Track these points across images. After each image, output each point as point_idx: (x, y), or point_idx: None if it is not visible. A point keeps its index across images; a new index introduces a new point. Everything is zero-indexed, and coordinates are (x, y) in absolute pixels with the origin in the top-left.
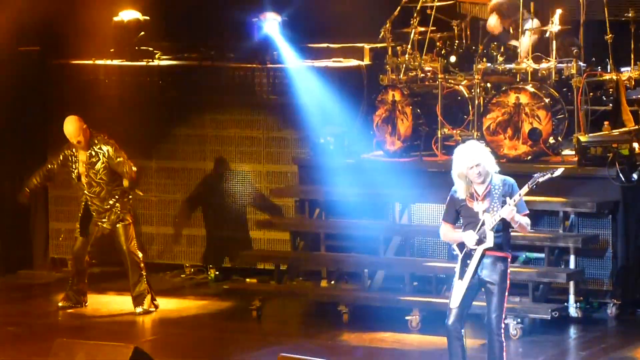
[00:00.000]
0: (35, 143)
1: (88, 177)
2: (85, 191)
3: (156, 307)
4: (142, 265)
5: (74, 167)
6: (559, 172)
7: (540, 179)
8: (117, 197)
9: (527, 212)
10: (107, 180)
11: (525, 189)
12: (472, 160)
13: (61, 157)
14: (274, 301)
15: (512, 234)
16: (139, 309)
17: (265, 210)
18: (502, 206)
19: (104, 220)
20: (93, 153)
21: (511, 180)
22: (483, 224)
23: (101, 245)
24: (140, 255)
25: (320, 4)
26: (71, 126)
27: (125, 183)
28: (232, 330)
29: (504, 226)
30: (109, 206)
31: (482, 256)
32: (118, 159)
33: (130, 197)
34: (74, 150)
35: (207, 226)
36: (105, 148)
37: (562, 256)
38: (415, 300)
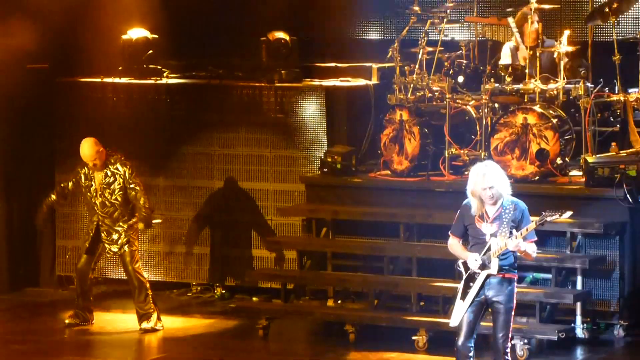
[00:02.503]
0: (44, 161)
1: (102, 197)
2: (98, 211)
3: (162, 326)
4: (147, 285)
5: (89, 184)
6: (567, 215)
7: (548, 219)
8: (128, 220)
9: (535, 239)
10: (122, 202)
11: (533, 225)
12: (487, 182)
13: (77, 176)
14: (281, 320)
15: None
16: (144, 325)
17: (272, 229)
18: (511, 231)
19: (112, 242)
20: (109, 173)
21: (523, 205)
22: (489, 249)
23: (106, 263)
24: (145, 275)
25: (329, 23)
26: (87, 150)
27: (141, 225)
28: (238, 349)
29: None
30: (120, 228)
31: (486, 279)
32: (133, 185)
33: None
34: (88, 169)
35: (213, 245)
36: (122, 169)
37: (569, 277)
38: (422, 320)
